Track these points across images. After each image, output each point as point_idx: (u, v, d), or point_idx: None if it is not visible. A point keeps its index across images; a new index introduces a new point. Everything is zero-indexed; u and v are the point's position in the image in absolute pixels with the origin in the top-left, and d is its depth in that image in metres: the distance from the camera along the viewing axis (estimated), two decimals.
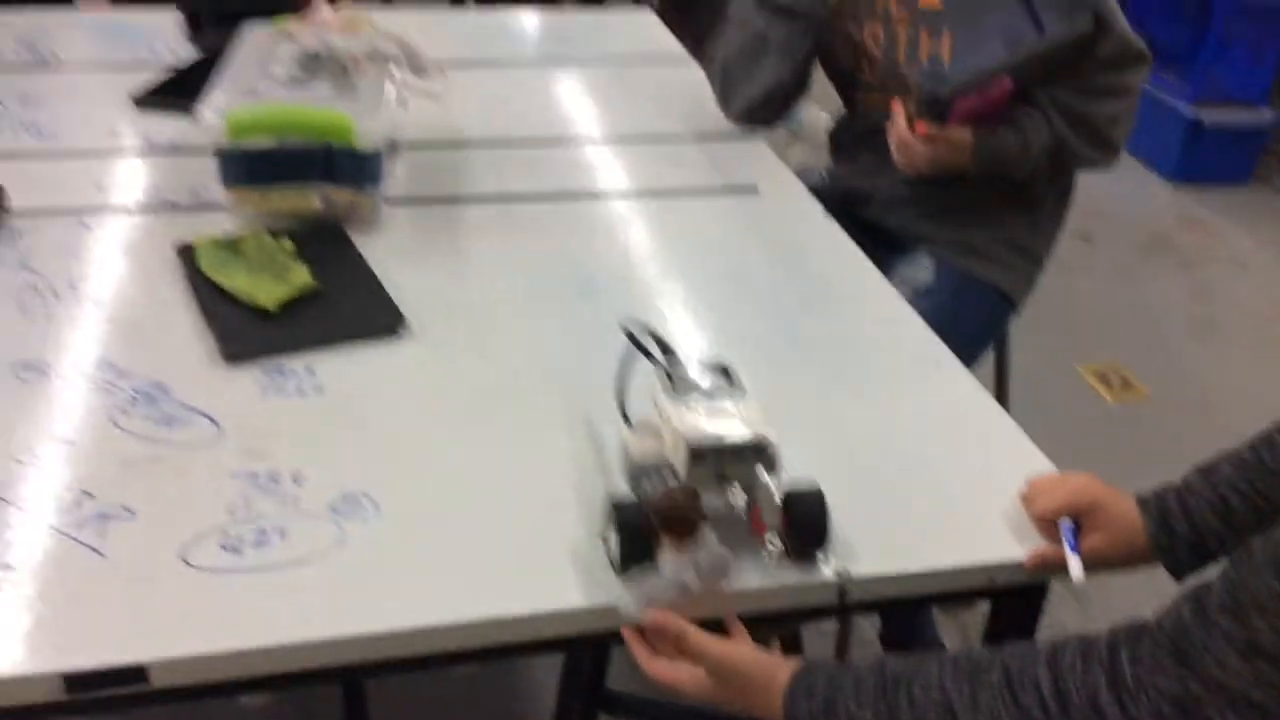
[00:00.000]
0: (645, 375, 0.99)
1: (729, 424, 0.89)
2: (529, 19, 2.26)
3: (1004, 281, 1.68)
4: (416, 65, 1.48)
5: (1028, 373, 2.58)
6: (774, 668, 0.83)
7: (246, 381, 1.10)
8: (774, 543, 0.91)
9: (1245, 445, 0.96)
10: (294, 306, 1.20)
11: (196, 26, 1.93)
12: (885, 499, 1.01)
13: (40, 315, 1.18)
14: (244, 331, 1.16)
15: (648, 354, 0.99)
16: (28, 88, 1.69)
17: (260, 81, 1.36)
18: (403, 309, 1.21)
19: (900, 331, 1.28)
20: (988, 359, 1.87)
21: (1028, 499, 0.99)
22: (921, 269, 1.67)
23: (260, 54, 1.42)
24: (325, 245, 1.32)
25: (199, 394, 1.08)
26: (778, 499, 0.89)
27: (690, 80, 1.94)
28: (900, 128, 1.54)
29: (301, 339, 1.16)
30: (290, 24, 1.46)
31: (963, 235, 1.67)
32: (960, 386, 1.19)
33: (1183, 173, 3.83)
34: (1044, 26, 1.55)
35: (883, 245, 1.70)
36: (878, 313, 1.32)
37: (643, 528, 0.86)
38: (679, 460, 0.89)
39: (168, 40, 1.91)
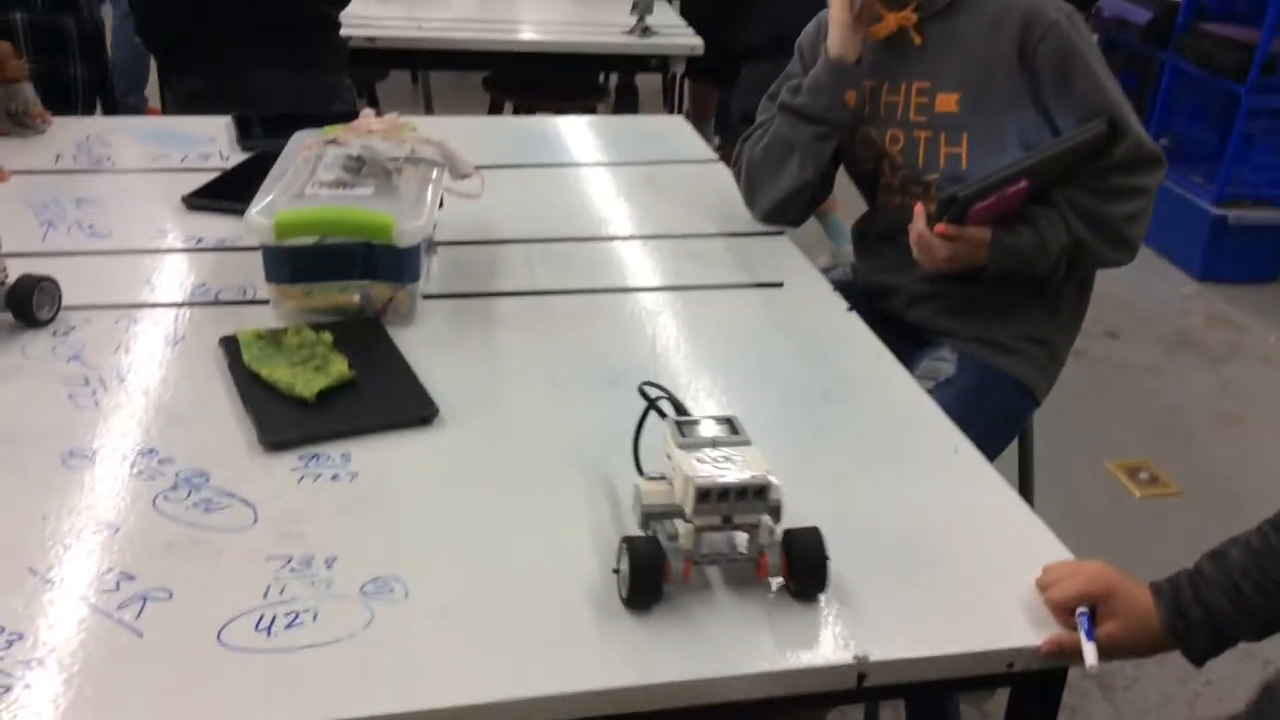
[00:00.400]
0: (659, 432, 1.04)
1: (733, 468, 0.97)
2: (564, 123, 2.34)
3: (1025, 375, 1.70)
4: (455, 167, 1.55)
5: (1055, 467, 2.58)
6: None
7: (284, 468, 1.14)
8: (778, 582, 0.99)
9: (1254, 530, 0.98)
10: (331, 395, 1.25)
11: (246, 132, 2.02)
12: (905, 585, 1.02)
13: (89, 405, 1.23)
14: (283, 420, 1.20)
15: (660, 411, 1.08)
16: (84, 190, 1.77)
17: (307, 185, 1.43)
18: (435, 398, 1.25)
19: (921, 422, 1.31)
20: (1012, 452, 1.88)
21: (1044, 585, 1.01)
22: (943, 362, 1.70)
23: (308, 158, 1.49)
24: (363, 338, 1.37)
25: (238, 480, 1.12)
26: (778, 537, 0.98)
27: (718, 180, 2.00)
28: (920, 227, 1.58)
29: (338, 427, 1.20)
30: (337, 131, 1.53)
31: (984, 330, 1.71)
32: (980, 476, 1.21)
33: (1208, 270, 3.86)
34: (1059, 130, 1.60)
35: (906, 339, 1.73)
36: (899, 404, 1.34)
37: (654, 565, 0.95)
38: (687, 502, 0.96)
39: (219, 145, 2.00)
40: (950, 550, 1.08)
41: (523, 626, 0.95)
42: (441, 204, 1.54)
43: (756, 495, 0.96)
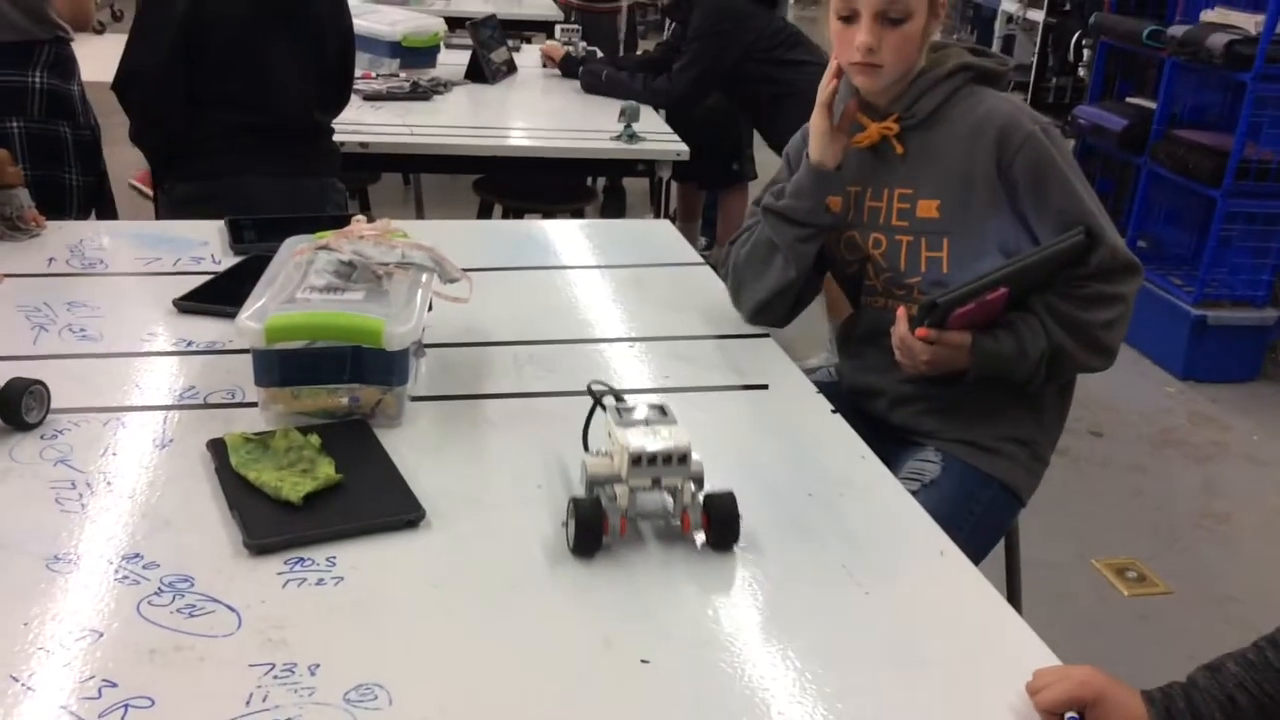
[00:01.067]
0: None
1: (661, 441, 1.20)
2: (551, 226, 2.38)
3: (1009, 476, 1.71)
4: (444, 272, 1.57)
5: (1043, 567, 2.58)
6: None
7: (269, 572, 1.14)
8: (699, 537, 1.22)
9: (1251, 646, 0.99)
10: (318, 498, 1.25)
11: (239, 236, 2.05)
12: (891, 690, 1.02)
13: (75, 508, 1.23)
14: (269, 524, 1.20)
15: (603, 406, 1.28)
16: (76, 293, 1.79)
17: (298, 289, 1.45)
18: (422, 500, 1.25)
19: (906, 524, 1.32)
20: (999, 553, 1.88)
21: (1034, 690, 1.00)
22: (928, 463, 1.71)
23: (299, 263, 1.52)
24: (351, 440, 1.37)
25: (223, 584, 1.11)
26: (700, 499, 1.22)
27: (703, 282, 2.03)
28: (902, 330, 1.61)
29: (324, 530, 1.20)
30: (329, 237, 1.56)
31: (967, 432, 1.72)
32: (966, 579, 1.21)
33: (1190, 370, 3.90)
34: (1038, 237, 1.64)
35: (890, 440, 1.74)
36: (883, 506, 1.35)
37: (595, 518, 1.19)
38: (623, 467, 1.18)
39: (212, 248, 2.03)
40: (936, 655, 1.08)
41: None
42: (431, 307, 1.56)
43: (680, 461, 1.19)
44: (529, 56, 4.22)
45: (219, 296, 1.76)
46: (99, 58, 2.78)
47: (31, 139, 2.41)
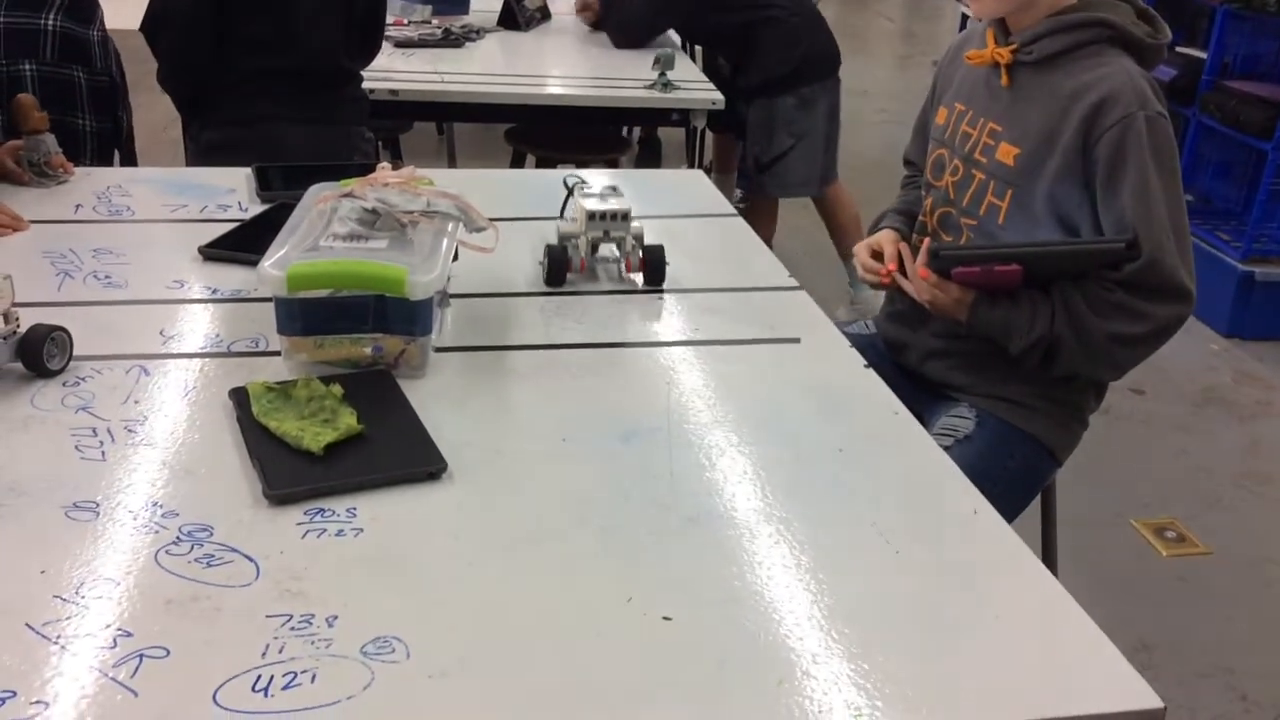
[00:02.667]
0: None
1: (610, 205, 1.68)
2: (582, 176, 2.34)
3: (1044, 433, 1.67)
4: (470, 221, 1.54)
5: (1080, 526, 2.54)
6: None
7: (289, 522, 1.12)
8: (636, 277, 1.71)
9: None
10: (339, 449, 1.23)
11: (266, 183, 2.03)
12: (920, 652, 0.99)
13: (95, 456, 1.22)
14: (290, 474, 1.19)
15: (571, 191, 1.77)
16: (101, 240, 1.78)
17: (321, 237, 1.43)
18: (445, 452, 1.23)
19: (938, 481, 1.28)
20: (1035, 511, 1.85)
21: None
22: (962, 419, 1.68)
23: (323, 211, 1.49)
24: (374, 390, 1.35)
25: (242, 535, 1.10)
26: (639, 249, 1.69)
27: (737, 235, 1.99)
28: (920, 260, 1.60)
29: (345, 481, 1.18)
30: (353, 184, 1.53)
31: (1001, 387, 1.68)
32: (998, 539, 1.18)
33: (1236, 327, 3.82)
34: (1098, 221, 1.56)
35: (924, 394, 1.71)
36: (916, 462, 1.32)
37: (562, 257, 1.69)
38: (581, 224, 1.68)
39: (239, 196, 2.01)
40: (967, 616, 1.05)
41: (526, 688, 0.93)
42: (456, 257, 1.53)
43: (624, 219, 1.68)
44: (563, 3, 4.15)
45: (245, 244, 1.74)
46: (130, 2, 2.75)
47: (44, 82, 2.39)
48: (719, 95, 3.20)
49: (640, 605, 1.03)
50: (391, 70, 3.07)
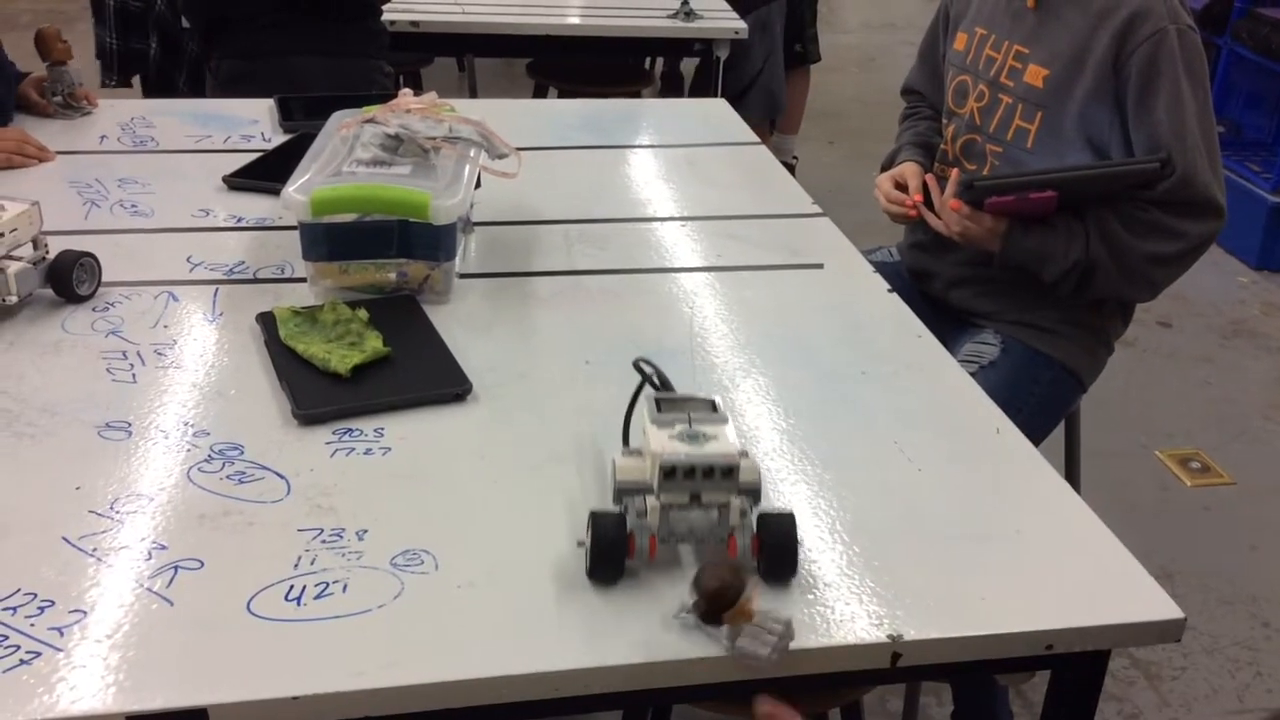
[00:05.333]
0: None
1: (703, 447, 0.94)
2: (603, 106, 2.33)
3: (1070, 358, 1.67)
4: (492, 147, 1.54)
5: (1104, 456, 2.54)
6: None
7: (318, 442, 1.14)
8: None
9: None
10: (366, 371, 1.24)
11: (289, 114, 2.02)
12: (941, 565, 1.00)
13: (126, 378, 1.24)
14: (317, 395, 1.20)
15: (655, 385, 1.07)
16: (127, 170, 1.79)
17: (344, 163, 1.43)
18: (470, 375, 1.24)
19: (962, 403, 1.28)
20: (1058, 439, 1.85)
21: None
22: (987, 345, 1.67)
23: (346, 137, 1.49)
24: (399, 315, 1.36)
25: (272, 453, 1.12)
26: (750, 519, 0.95)
27: (760, 163, 1.98)
28: (947, 192, 1.58)
29: (372, 402, 1.20)
30: (375, 110, 1.53)
31: (1026, 313, 1.68)
32: (1021, 457, 1.18)
33: (1265, 260, 3.78)
34: (1129, 140, 1.54)
35: (949, 321, 1.71)
36: (939, 385, 1.32)
37: (616, 540, 0.94)
38: (654, 478, 0.94)
39: (262, 126, 2.01)
40: (990, 531, 1.05)
41: (552, 600, 0.94)
42: (479, 184, 1.53)
43: (725, 475, 0.93)
44: None
45: (268, 173, 1.74)
46: None
47: None
48: (741, 24, 3.17)
49: None
50: (413, 1, 3.05)
